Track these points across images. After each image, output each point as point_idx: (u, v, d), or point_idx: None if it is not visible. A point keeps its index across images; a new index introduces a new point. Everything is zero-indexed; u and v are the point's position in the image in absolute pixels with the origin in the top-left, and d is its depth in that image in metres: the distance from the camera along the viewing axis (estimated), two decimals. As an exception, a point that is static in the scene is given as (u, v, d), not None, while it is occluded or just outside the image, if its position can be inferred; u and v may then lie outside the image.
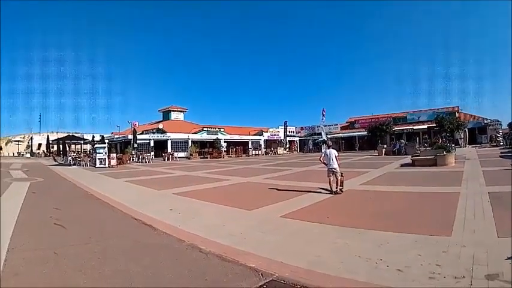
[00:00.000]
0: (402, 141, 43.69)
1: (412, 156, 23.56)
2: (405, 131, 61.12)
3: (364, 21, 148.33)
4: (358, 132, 66.69)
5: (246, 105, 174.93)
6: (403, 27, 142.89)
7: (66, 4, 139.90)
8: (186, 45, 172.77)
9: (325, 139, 56.05)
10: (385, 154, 38.36)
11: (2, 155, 79.03)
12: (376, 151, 42.13)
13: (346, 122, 78.73)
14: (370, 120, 67.18)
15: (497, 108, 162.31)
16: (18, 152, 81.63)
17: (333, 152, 11.95)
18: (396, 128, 59.84)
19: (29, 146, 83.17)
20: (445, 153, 20.82)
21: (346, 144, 66.83)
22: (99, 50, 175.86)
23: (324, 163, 12.31)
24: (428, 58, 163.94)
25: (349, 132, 71.23)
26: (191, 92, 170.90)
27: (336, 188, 11.64)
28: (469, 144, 50.27)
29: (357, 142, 65.33)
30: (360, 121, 72.34)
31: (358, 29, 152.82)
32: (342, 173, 11.87)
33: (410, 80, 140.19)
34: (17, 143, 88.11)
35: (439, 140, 35.41)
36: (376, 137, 55.03)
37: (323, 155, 12.76)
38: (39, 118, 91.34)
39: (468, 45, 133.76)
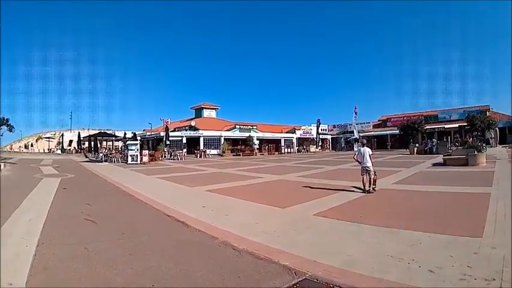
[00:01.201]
0: (434, 140, 43.81)
1: (443, 156, 23.95)
2: (436, 129, 61.51)
3: (398, 20, 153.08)
4: (390, 130, 67.96)
5: (279, 103, 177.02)
6: (435, 27, 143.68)
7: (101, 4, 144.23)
8: (218, 43, 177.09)
9: (358, 137, 57.51)
10: (416, 153, 38.61)
11: (32, 151, 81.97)
12: (407, 150, 42.66)
13: (378, 120, 79.49)
14: (402, 118, 68.31)
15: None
16: (48, 149, 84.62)
17: (367, 150, 12.22)
18: (428, 127, 59.65)
19: (60, 143, 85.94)
20: (476, 153, 20.85)
21: (378, 143, 66.86)
22: (131, 49, 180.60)
23: (358, 161, 12.54)
24: (460, 58, 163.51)
25: (381, 131, 71.80)
26: (224, 89, 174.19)
27: (369, 186, 11.83)
28: (499, 143, 49.19)
29: (389, 141, 65.88)
30: (392, 119, 74.23)
31: (391, 27, 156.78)
32: (375, 172, 12.04)
33: (441, 79, 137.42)
34: (47, 139, 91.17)
35: (470, 140, 35.83)
36: (408, 135, 54.95)
37: (357, 153, 13.00)
38: (70, 115, 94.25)
39: (499, 45, 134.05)
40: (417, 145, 43.32)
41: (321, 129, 74.09)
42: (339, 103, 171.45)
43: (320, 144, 72.16)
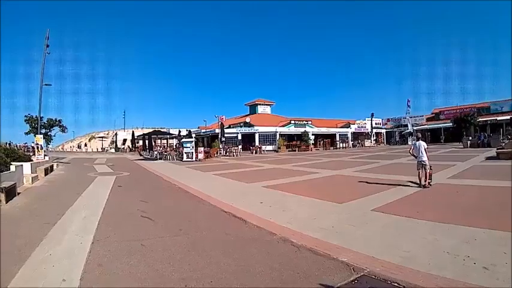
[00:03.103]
0: (485, 133, 43.61)
1: (496, 149, 23.56)
2: (489, 122, 59.61)
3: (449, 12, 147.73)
4: (444, 123, 66.59)
5: (334, 97, 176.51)
6: (486, 18, 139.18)
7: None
8: (272, 39, 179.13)
9: (411, 131, 59.20)
10: (470, 146, 38.99)
11: (86, 150, 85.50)
12: (461, 143, 43.19)
13: (432, 113, 77.70)
14: (454, 111, 68.09)
15: None
16: (102, 148, 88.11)
17: (422, 144, 12.38)
18: (480, 119, 58.10)
19: (114, 142, 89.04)
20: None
21: (431, 136, 64.88)
22: (185, 47, 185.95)
23: (414, 155, 12.84)
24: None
25: (434, 124, 70.01)
26: (278, 85, 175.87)
27: (425, 181, 11.97)
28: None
29: (442, 134, 64.17)
30: (445, 112, 72.93)
31: (441, 21, 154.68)
32: (430, 166, 12.15)
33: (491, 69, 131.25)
34: (100, 139, 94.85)
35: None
36: (461, 128, 54.27)
37: (412, 147, 13.19)
38: (123, 115, 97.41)
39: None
40: (470, 138, 43.46)
41: (375, 123, 73.86)
42: (394, 95, 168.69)
43: (374, 138, 72.33)
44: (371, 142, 68.86)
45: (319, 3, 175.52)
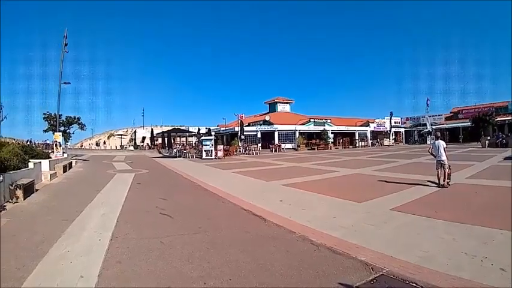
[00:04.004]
0: (504, 133, 43.99)
1: None
2: (507, 121, 59.22)
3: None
4: (462, 123, 66.37)
5: (353, 95, 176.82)
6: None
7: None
8: (291, 38, 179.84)
9: (430, 130, 59.83)
10: (488, 146, 39.56)
11: (104, 148, 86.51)
12: (479, 143, 43.73)
13: (451, 112, 77.22)
14: (473, 110, 68.15)
15: None
16: (121, 145, 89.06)
17: (441, 144, 12.42)
18: (498, 119, 57.99)
19: (133, 139, 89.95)
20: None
21: (450, 136, 64.16)
22: (204, 45, 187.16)
23: (433, 155, 12.90)
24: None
25: (453, 123, 69.75)
26: (297, 83, 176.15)
27: (444, 181, 12.02)
28: None
29: (461, 133, 63.97)
30: (464, 111, 72.18)
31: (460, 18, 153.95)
32: (449, 166, 12.20)
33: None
34: (119, 136, 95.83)
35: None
36: (480, 128, 54.30)
37: (431, 146, 13.21)
38: (143, 113, 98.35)
39: None
40: (488, 138, 43.91)
41: (394, 122, 74.13)
42: (413, 94, 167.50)
43: (393, 137, 72.73)
44: (389, 141, 69.26)
45: (338, 3, 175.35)
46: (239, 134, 49.01)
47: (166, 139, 51.56)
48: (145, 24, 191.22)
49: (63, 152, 26.83)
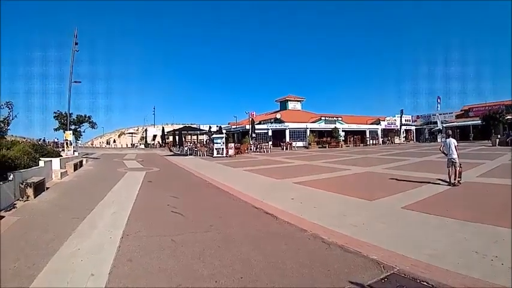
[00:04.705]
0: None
1: None
2: None
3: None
4: (472, 121, 66.05)
5: (364, 93, 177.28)
6: None
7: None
8: (302, 37, 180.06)
9: (441, 128, 60.44)
10: (498, 144, 39.60)
11: (115, 146, 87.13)
12: (490, 141, 43.92)
13: (461, 110, 76.50)
14: (483, 108, 67.65)
15: None
16: (132, 144, 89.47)
17: (453, 142, 12.51)
18: (508, 117, 56.97)
19: (144, 138, 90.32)
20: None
21: (460, 134, 63.83)
22: (215, 44, 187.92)
23: (444, 153, 12.93)
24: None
25: (463, 121, 68.95)
26: (308, 81, 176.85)
27: (454, 179, 12.13)
28: None
29: (471, 131, 63.35)
30: (474, 109, 71.67)
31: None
32: (460, 164, 12.30)
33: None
34: (130, 135, 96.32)
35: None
36: (490, 126, 53.59)
37: (443, 144, 13.32)
38: (153, 111, 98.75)
39: None
40: (499, 136, 44.39)
41: (405, 120, 73.91)
42: (424, 91, 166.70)
43: (404, 135, 72.55)
44: (400, 139, 69.19)
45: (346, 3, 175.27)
46: (250, 132, 48.88)
47: (177, 137, 51.67)
48: (156, 23, 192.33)
49: (74, 151, 27.02)
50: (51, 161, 16.25)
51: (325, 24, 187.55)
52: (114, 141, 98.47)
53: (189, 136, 66.58)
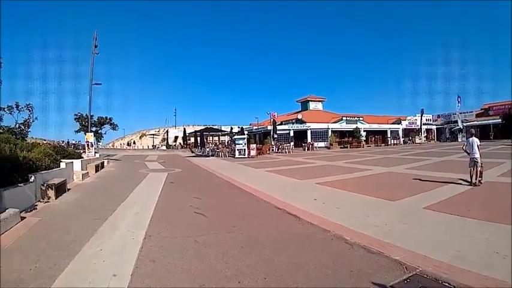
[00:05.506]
0: None
1: None
2: None
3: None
4: (493, 119, 66.50)
5: (385, 92, 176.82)
6: None
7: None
8: (323, 37, 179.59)
9: (461, 127, 60.83)
10: None
11: (136, 147, 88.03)
12: (510, 140, 44.01)
13: (481, 109, 75.54)
14: (503, 106, 67.37)
15: None
16: (153, 145, 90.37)
17: (476, 141, 12.44)
18: None
19: (165, 139, 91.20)
20: None
21: (481, 133, 62.26)
22: (236, 46, 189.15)
23: (467, 152, 12.85)
24: None
25: (483, 120, 68.17)
26: (329, 81, 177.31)
27: (476, 179, 12.05)
28: None
29: (491, 130, 62.53)
30: (494, 108, 72.11)
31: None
32: (481, 164, 12.22)
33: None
34: (151, 136, 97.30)
35: None
36: (511, 124, 53.42)
37: (466, 143, 13.20)
38: (175, 112, 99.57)
39: None
40: None
41: (426, 120, 73.45)
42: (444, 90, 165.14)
43: (425, 135, 71.96)
44: (421, 139, 68.65)
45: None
46: (272, 133, 48.97)
47: (198, 138, 52.00)
48: (180, 24, 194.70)
49: (95, 152, 27.37)
50: (72, 162, 16.52)
51: (347, 24, 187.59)
52: (134, 143, 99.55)
53: (211, 137, 67.01)
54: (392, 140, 63.09)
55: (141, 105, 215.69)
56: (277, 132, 50.30)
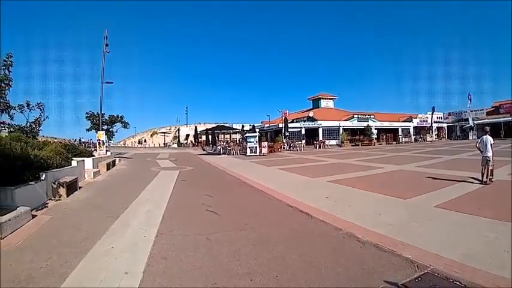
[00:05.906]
0: None
1: None
2: None
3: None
4: (503, 117, 65.21)
5: (395, 90, 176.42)
6: None
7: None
8: (334, 35, 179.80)
9: (472, 125, 61.23)
10: None
11: (147, 146, 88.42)
12: None
13: (492, 107, 74.92)
14: None
15: None
16: (164, 143, 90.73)
17: (489, 139, 12.43)
18: None
19: (176, 137, 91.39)
20: None
21: (491, 130, 61.06)
22: (247, 43, 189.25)
23: (480, 149, 12.89)
24: None
25: (493, 118, 67.32)
26: (340, 78, 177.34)
27: (486, 177, 12.02)
28: None
29: (502, 128, 61.57)
30: (505, 106, 70.86)
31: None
32: (493, 162, 12.20)
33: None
34: (163, 134, 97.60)
35: None
36: None
37: (479, 141, 13.22)
38: (186, 111, 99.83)
39: None
40: None
41: (437, 117, 73.32)
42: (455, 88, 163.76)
43: (436, 132, 71.85)
44: (432, 137, 68.46)
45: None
46: (283, 131, 48.94)
47: (210, 136, 52.05)
48: (189, 24, 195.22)
49: (107, 150, 27.51)
50: (83, 160, 16.64)
51: (358, 23, 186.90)
52: (145, 141, 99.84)
53: (222, 135, 67.07)
54: (403, 138, 62.97)
55: (153, 103, 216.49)
56: (289, 130, 50.28)
